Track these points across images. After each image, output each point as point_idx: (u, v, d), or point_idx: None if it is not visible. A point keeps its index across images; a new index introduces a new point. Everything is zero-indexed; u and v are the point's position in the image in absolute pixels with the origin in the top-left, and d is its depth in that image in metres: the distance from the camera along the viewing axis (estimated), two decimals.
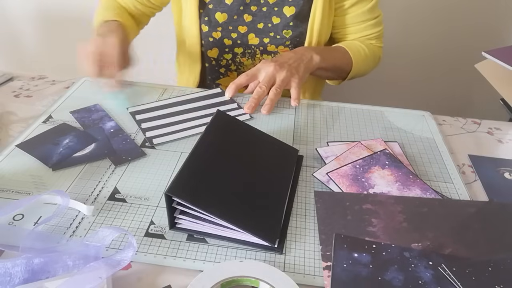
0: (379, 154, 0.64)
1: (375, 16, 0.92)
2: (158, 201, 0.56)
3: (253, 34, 0.88)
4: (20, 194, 0.56)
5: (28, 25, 1.63)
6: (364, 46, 0.92)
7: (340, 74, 0.93)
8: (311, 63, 0.81)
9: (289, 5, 0.85)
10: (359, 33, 0.93)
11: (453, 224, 0.54)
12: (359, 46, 0.92)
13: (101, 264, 0.44)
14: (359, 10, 0.89)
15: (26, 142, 0.65)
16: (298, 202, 0.57)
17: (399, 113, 0.79)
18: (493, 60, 0.93)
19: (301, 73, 0.79)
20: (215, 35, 0.89)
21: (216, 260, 0.49)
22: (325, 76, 0.93)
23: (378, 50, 0.97)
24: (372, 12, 0.91)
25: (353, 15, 0.90)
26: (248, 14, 0.87)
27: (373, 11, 0.91)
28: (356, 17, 0.90)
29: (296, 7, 0.85)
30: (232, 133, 0.61)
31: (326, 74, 0.92)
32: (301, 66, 0.80)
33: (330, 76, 0.94)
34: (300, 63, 0.80)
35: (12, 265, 0.44)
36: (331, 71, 0.90)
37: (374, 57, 0.96)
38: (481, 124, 0.79)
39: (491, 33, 1.49)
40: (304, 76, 0.80)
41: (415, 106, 0.81)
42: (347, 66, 0.90)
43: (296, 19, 0.87)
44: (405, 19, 1.49)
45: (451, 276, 0.46)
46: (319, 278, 0.47)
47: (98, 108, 0.75)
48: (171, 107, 0.76)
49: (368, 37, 0.94)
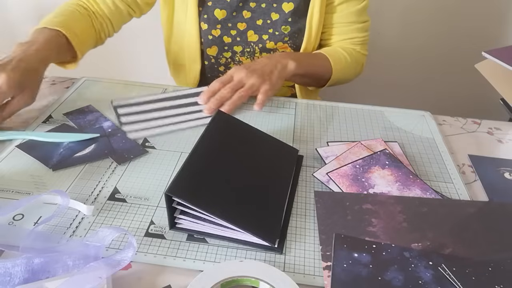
0: (379, 154, 0.64)
1: (362, 20, 0.93)
2: (158, 201, 0.56)
3: (252, 31, 0.89)
4: (20, 194, 0.56)
5: (28, 25, 1.62)
6: (346, 54, 0.92)
7: (318, 81, 0.93)
8: (285, 70, 0.80)
9: (288, 1, 0.86)
10: (344, 35, 0.93)
11: (453, 224, 0.54)
12: (341, 53, 0.91)
13: (101, 264, 0.44)
14: (347, 10, 0.90)
15: (26, 142, 0.65)
16: (298, 202, 0.57)
17: (399, 113, 0.79)
18: (493, 60, 0.93)
19: (273, 79, 0.78)
20: (214, 33, 0.89)
21: (216, 260, 0.49)
22: (302, 82, 0.93)
23: (361, 57, 0.96)
24: (360, 15, 0.91)
25: (341, 14, 0.90)
26: (247, 10, 0.87)
27: (361, 14, 0.91)
28: (343, 16, 0.91)
29: (294, 3, 0.86)
30: (232, 133, 0.61)
31: (303, 80, 0.91)
32: (274, 73, 0.79)
33: (307, 82, 0.93)
34: (274, 70, 0.79)
35: (12, 265, 0.44)
36: (308, 78, 0.90)
37: (357, 65, 0.95)
38: (481, 124, 0.79)
39: (491, 33, 1.49)
40: (277, 83, 0.79)
41: (415, 106, 0.81)
42: (326, 74, 0.90)
43: (294, 15, 0.87)
44: (405, 19, 1.49)
45: (451, 276, 0.46)
46: (319, 278, 0.47)
47: (91, 108, 0.75)
48: (154, 103, 0.77)
49: (352, 41, 0.94)
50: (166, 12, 0.91)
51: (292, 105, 0.80)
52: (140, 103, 0.76)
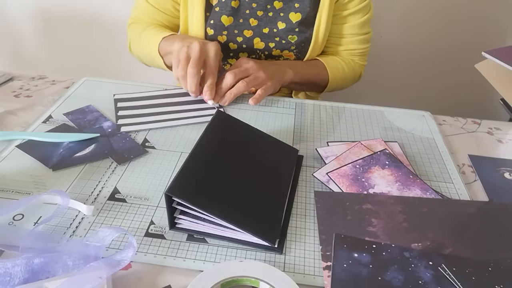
0: (379, 154, 0.64)
1: (364, 32, 0.94)
2: (158, 201, 0.56)
3: (258, 39, 0.89)
4: (20, 194, 0.56)
5: (28, 25, 1.63)
6: (344, 64, 0.94)
7: (315, 88, 0.96)
8: (283, 77, 0.84)
9: (295, 11, 0.86)
10: (345, 46, 0.95)
11: (453, 224, 0.54)
12: (339, 63, 0.94)
13: (101, 264, 0.44)
14: (351, 22, 0.91)
15: (26, 142, 0.65)
16: (298, 202, 0.57)
17: (399, 113, 0.79)
18: (493, 60, 0.93)
19: (274, 81, 0.81)
20: (220, 39, 0.89)
21: (216, 260, 0.49)
22: (299, 89, 0.97)
23: (359, 68, 0.99)
24: (362, 27, 0.92)
25: (344, 26, 0.92)
26: (254, 18, 0.87)
27: (363, 27, 0.93)
28: (346, 28, 0.92)
29: (302, 13, 0.86)
30: (232, 133, 0.61)
31: (300, 88, 0.95)
32: (275, 76, 0.82)
33: (304, 89, 0.97)
34: (275, 74, 0.82)
35: (12, 265, 0.44)
36: (305, 86, 0.93)
37: (354, 76, 0.98)
38: (481, 124, 0.79)
39: (491, 33, 1.49)
40: (276, 86, 0.82)
41: (415, 106, 0.81)
42: (322, 82, 0.93)
43: (301, 25, 0.87)
44: (405, 19, 1.49)
45: (451, 276, 0.46)
46: (319, 278, 0.47)
47: (92, 108, 0.75)
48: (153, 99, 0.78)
49: (352, 52, 0.96)
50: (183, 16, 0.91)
51: (292, 105, 0.80)
52: (140, 99, 0.77)
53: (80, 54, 1.65)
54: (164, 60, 0.85)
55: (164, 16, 0.92)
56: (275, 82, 0.81)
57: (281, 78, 0.83)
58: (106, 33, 1.57)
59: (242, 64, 0.80)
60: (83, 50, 1.63)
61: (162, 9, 0.91)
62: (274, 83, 0.80)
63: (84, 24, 1.58)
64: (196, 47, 0.73)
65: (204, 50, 0.74)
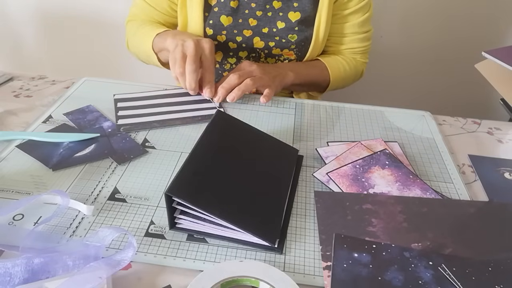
0: (379, 154, 0.64)
1: (365, 30, 0.94)
2: (158, 201, 0.56)
3: (258, 38, 0.89)
4: (20, 194, 0.56)
5: (28, 25, 1.63)
6: (345, 63, 0.94)
7: (316, 89, 0.97)
8: (284, 79, 0.85)
9: (295, 10, 0.86)
10: (346, 45, 0.95)
11: (453, 224, 0.54)
12: (340, 62, 0.94)
13: (101, 264, 0.44)
14: (352, 21, 0.91)
15: (26, 142, 0.65)
16: (298, 202, 0.57)
17: (399, 113, 0.79)
18: (493, 60, 0.93)
19: (276, 83, 0.83)
20: (219, 39, 0.89)
21: (216, 260, 0.49)
22: (301, 90, 0.98)
23: (361, 65, 0.99)
24: (362, 25, 0.93)
25: (345, 25, 0.92)
26: (253, 18, 0.87)
27: (363, 25, 0.93)
28: (347, 27, 0.92)
29: (301, 13, 0.86)
30: (232, 133, 0.61)
31: (301, 89, 0.96)
32: (277, 79, 0.83)
33: (305, 90, 0.98)
34: (277, 76, 0.84)
35: (12, 265, 0.44)
36: (306, 87, 0.94)
37: (356, 73, 0.98)
38: (481, 124, 0.79)
39: (491, 33, 1.49)
40: (277, 88, 0.83)
41: (415, 106, 0.81)
42: (324, 82, 0.94)
43: (301, 24, 0.87)
44: (406, 19, 1.49)
45: (451, 276, 0.46)
46: (319, 278, 0.47)
47: (92, 108, 0.75)
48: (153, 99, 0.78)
49: (353, 51, 0.96)
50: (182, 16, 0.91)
51: (292, 105, 0.80)
52: (140, 99, 0.77)
53: (80, 54, 1.64)
54: (159, 57, 0.85)
55: (160, 15, 0.92)
56: (276, 84, 0.82)
57: (282, 81, 0.85)
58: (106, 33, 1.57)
59: (245, 68, 0.81)
60: (83, 50, 1.63)
61: (159, 8, 0.91)
62: (275, 85, 0.82)
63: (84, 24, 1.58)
64: (191, 44, 0.73)
65: (199, 47, 0.74)
